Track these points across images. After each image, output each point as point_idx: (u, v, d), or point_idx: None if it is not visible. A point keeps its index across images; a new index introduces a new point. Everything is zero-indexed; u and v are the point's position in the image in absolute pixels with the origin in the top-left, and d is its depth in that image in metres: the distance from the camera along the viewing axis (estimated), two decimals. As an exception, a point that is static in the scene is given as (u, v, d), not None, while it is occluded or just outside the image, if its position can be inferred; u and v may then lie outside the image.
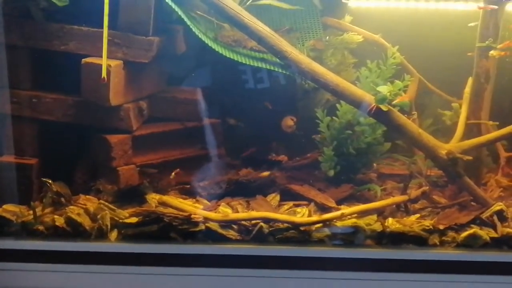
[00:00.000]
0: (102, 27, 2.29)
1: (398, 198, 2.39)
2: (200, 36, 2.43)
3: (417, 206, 2.45)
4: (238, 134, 2.62)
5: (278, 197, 2.48)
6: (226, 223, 2.32)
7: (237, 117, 2.61)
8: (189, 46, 2.58)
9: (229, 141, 2.61)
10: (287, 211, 2.42)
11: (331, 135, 2.52)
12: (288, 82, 2.56)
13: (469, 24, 2.45)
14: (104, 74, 2.29)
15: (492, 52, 2.43)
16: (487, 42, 2.39)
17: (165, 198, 2.43)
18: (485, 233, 2.25)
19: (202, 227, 2.31)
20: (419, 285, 2.23)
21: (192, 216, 2.33)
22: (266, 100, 2.60)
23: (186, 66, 2.61)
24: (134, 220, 2.32)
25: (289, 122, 2.63)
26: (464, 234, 2.25)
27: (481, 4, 2.41)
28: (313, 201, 2.44)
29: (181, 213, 2.34)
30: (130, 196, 2.48)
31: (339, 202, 2.45)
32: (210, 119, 2.60)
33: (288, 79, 2.56)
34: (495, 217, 2.28)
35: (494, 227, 2.28)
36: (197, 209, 2.40)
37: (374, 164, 2.61)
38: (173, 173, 2.55)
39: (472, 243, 2.24)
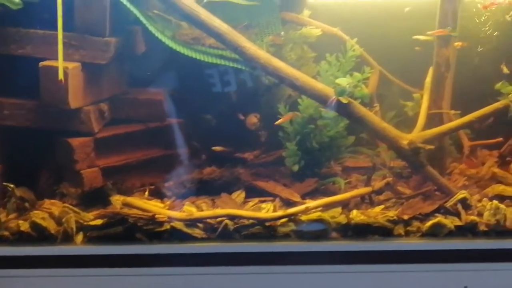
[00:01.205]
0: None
1: (362, 190, 2.36)
2: (157, 35, 2.37)
3: (381, 197, 2.40)
4: (202, 133, 2.55)
5: (243, 194, 2.42)
6: (191, 222, 2.26)
7: (201, 116, 2.54)
8: (149, 46, 2.50)
9: (193, 140, 2.53)
10: (252, 207, 2.36)
11: (294, 130, 2.47)
12: (250, 78, 2.51)
13: (405, 9, 2.42)
14: (61, 75, 2.23)
15: (456, 43, 2.39)
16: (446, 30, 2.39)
17: (129, 199, 2.36)
18: (450, 222, 2.21)
19: (167, 226, 2.25)
20: (386, 275, 2.18)
21: (157, 216, 2.26)
22: (229, 97, 2.53)
23: (147, 66, 2.54)
24: (99, 222, 2.26)
25: (253, 119, 2.57)
26: (429, 223, 2.21)
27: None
28: (278, 197, 2.39)
29: (145, 213, 2.27)
30: (95, 198, 2.41)
31: (304, 196, 2.40)
32: (173, 119, 2.53)
33: (250, 76, 2.50)
34: (459, 206, 2.24)
35: (458, 215, 2.23)
36: (161, 209, 2.34)
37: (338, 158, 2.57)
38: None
39: (437, 232, 2.20)
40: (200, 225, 2.26)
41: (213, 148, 2.52)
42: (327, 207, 2.30)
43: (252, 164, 2.54)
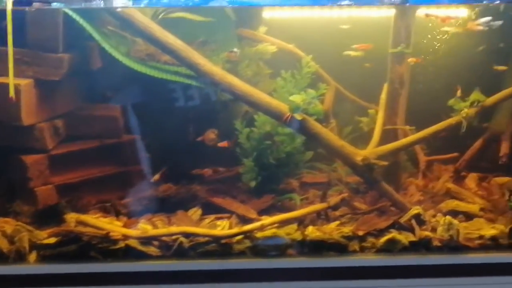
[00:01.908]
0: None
1: (317, 206, 2.32)
2: (110, 52, 2.33)
3: (337, 213, 2.37)
4: (158, 150, 2.49)
5: (199, 211, 2.38)
6: (146, 240, 2.20)
7: (158, 132, 2.48)
8: (105, 62, 2.44)
9: (150, 157, 2.48)
10: (208, 224, 2.32)
11: (251, 146, 2.44)
12: (208, 95, 2.49)
13: (341, 27, 2.39)
14: (11, 92, 2.16)
15: (410, 59, 2.38)
16: (399, 47, 2.34)
17: (84, 217, 2.30)
18: (404, 237, 2.19)
19: (121, 244, 2.19)
20: (341, 292, 2.30)
21: (111, 234, 2.21)
22: (187, 113, 2.50)
23: (102, 82, 2.49)
24: (52, 240, 2.20)
25: (211, 135, 2.52)
26: (383, 239, 2.20)
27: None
28: (235, 213, 2.35)
29: (99, 231, 2.22)
30: (49, 216, 2.34)
31: (261, 212, 2.37)
32: (129, 135, 2.48)
33: (208, 92, 2.48)
34: (413, 221, 2.23)
35: (412, 231, 2.22)
36: (116, 227, 2.28)
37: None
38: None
39: (391, 247, 2.18)
40: (155, 243, 2.22)
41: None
42: (283, 223, 2.26)
43: (210, 180, 2.50)
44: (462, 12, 2.39)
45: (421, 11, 2.41)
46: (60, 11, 2.31)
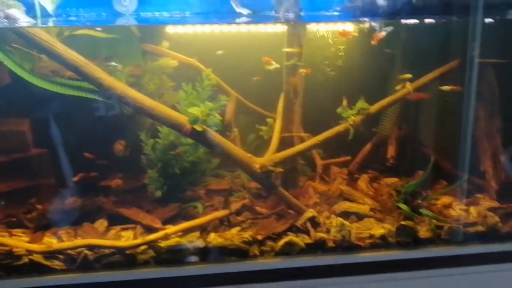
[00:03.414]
0: None
1: (219, 213, 2.16)
2: (12, 68, 2.08)
3: (240, 218, 2.22)
4: (66, 163, 2.22)
5: (105, 223, 2.16)
6: (51, 254, 1.97)
7: (66, 145, 2.20)
8: (13, 78, 2.14)
9: (57, 170, 2.20)
10: (113, 235, 2.11)
11: (156, 157, 2.26)
12: (113, 108, 2.26)
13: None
14: None
15: (301, 70, 2.25)
16: (292, 60, 2.22)
17: (-16, 234, 2.16)
18: (300, 240, 2.08)
19: (25, 260, 1.95)
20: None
21: (14, 250, 1.96)
22: (94, 126, 2.25)
23: (10, 98, 2.18)
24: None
25: (118, 146, 2.33)
26: (281, 242, 2.06)
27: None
28: (140, 224, 2.14)
29: (1, 247, 1.97)
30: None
31: (166, 221, 2.18)
32: (36, 149, 2.24)
33: (113, 105, 2.25)
34: (308, 224, 2.11)
35: (308, 233, 2.10)
36: (20, 242, 2.02)
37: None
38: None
39: (289, 250, 2.06)
40: (61, 256, 1.99)
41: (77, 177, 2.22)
42: (186, 231, 2.08)
43: (116, 191, 2.28)
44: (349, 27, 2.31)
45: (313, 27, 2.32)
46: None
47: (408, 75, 2.31)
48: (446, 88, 2.27)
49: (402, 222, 2.16)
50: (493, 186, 2.33)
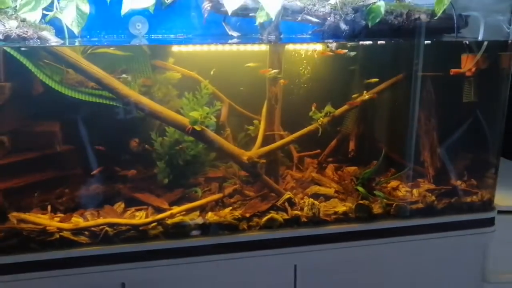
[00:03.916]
0: None
1: (215, 196, 2.05)
2: (44, 80, 1.95)
3: (232, 200, 2.11)
4: (90, 157, 2.05)
5: (123, 205, 2.02)
6: (78, 231, 1.87)
7: (89, 143, 2.03)
8: (45, 88, 1.98)
9: (84, 163, 2.05)
10: (129, 215, 1.98)
11: (164, 151, 2.12)
12: (130, 112, 2.09)
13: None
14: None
15: (282, 81, 2.14)
16: (273, 73, 2.09)
17: (23, 215, 1.90)
18: (280, 216, 1.99)
19: (57, 236, 1.85)
20: (235, 261, 1.90)
21: (47, 228, 1.86)
22: (115, 127, 2.08)
23: (43, 104, 2.02)
24: (-2, 236, 1.93)
25: (133, 143, 2.17)
26: (265, 218, 1.98)
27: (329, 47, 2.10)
28: (151, 205, 2.03)
29: (37, 226, 1.86)
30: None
31: (172, 203, 2.04)
32: (65, 146, 2.06)
33: (130, 110, 2.09)
34: (286, 204, 2.02)
35: (286, 211, 2.02)
36: (53, 222, 1.90)
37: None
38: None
39: (271, 224, 1.98)
40: (86, 233, 1.87)
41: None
42: (188, 211, 1.98)
43: (131, 179, 2.12)
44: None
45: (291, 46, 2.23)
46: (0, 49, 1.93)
47: (375, 79, 2.21)
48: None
49: (360, 201, 2.10)
50: (430, 172, 2.27)
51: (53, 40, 1.90)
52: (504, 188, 2.28)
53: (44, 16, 1.93)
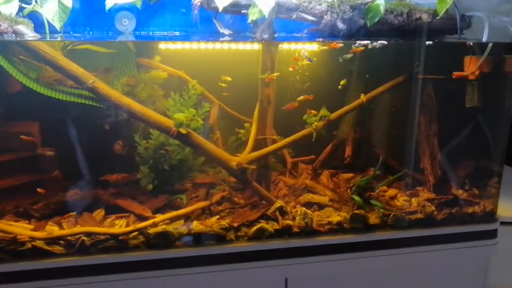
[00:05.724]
0: None
1: (201, 203, 1.88)
2: (18, 78, 1.78)
3: (220, 208, 1.94)
4: (69, 160, 1.90)
5: (103, 212, 1.86)
6: (52, 240, 1.70)
7: (68, 145, 1.88)
8: (24, 86, 1.82)
9: (62, 166, 1.90)
10: (109, 223, 1.83)
11: (148, 155, 1.97)
12: (113, 113, 1.92)
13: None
14: None
15: (272, 75, 1.97)
16: (266, 74, 1.94)
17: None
18: (270, 226, 1.82)
19: (28, 245, 1.67)
20: (221, 274, 1.74)
21: (18, 237, 1.68)
22: (97, 128, 1.95)
23: (20, 104, 1.86)
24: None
25: (117, 146, 2.03)
26: (254, 228, 1.81)
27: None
28: (133, 213, 1.87)
29: (7, 235, 1.69)
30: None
31: (156, 211, 1.89)
32: (43, 148, 1.90)
33: (112, 111, 1.93)
34: (277, 213, 1.85)
35: (277, 220, 1.85)
36: (25, 230, 1.73)
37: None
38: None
39: (260, 235, 1.80)
40: (62, 242, 1.72)
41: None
42: (172, 220, 1.81)
43: (113, 184, 1.97)
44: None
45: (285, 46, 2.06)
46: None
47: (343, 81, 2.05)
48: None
49: (355, 211, 1.93)
50: (430, 180, 2.10)
51: (30, 34, 1.74)
52: (507, 198, 2.12)
53: (22, 9, 1.82)
